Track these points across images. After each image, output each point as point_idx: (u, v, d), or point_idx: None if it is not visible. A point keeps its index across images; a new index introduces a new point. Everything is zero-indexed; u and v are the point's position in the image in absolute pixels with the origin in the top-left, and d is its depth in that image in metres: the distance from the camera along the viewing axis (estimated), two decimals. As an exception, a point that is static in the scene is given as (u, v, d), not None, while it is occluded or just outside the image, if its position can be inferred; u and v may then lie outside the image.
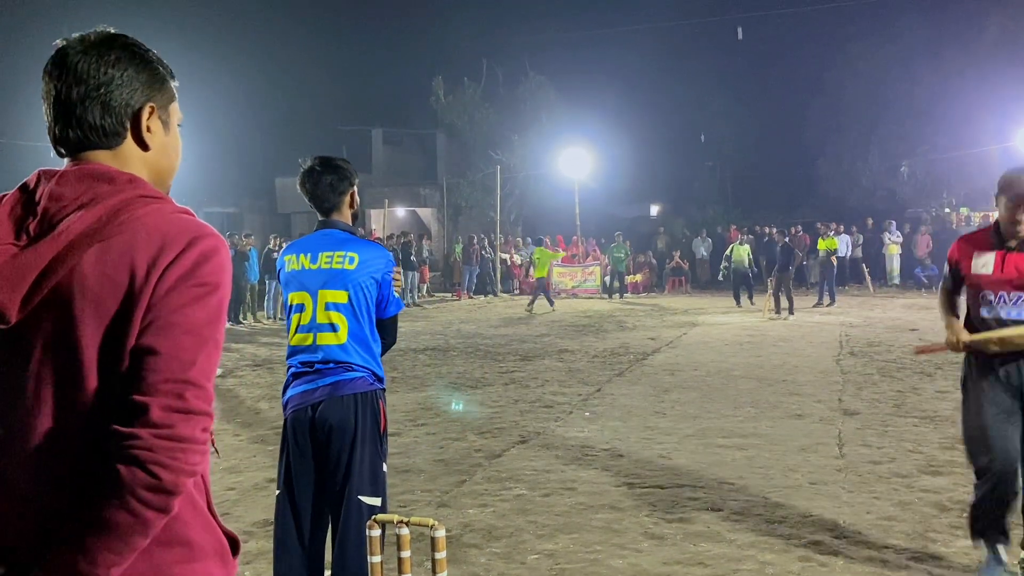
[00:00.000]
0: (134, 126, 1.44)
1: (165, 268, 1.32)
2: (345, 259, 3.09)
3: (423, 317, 18.17)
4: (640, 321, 16.14)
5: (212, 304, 1.35)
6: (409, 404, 8.33)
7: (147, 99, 1.44)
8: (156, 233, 1.34)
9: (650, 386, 8.98)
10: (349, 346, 3.07)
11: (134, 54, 1.44)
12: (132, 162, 1.44)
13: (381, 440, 3.11)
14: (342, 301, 3.08)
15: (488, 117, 29.57)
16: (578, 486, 5.42)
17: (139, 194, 1.38)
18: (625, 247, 22.55)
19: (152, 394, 1.28)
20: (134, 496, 1.25)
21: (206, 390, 1.33)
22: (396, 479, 5.70)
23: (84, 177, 1.38)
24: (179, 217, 1.38)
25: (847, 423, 6.99)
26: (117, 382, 1.31)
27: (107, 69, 1.40)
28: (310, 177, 3.18)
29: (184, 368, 1.30)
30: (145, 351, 1.30)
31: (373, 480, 3.04)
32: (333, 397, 3.02)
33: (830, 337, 12.73)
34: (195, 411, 1.30)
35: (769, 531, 4.50)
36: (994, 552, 3.74)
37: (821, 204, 29.69)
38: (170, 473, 1.27)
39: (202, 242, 1.35)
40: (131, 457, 1.25)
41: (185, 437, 1.29)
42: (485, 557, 4.25)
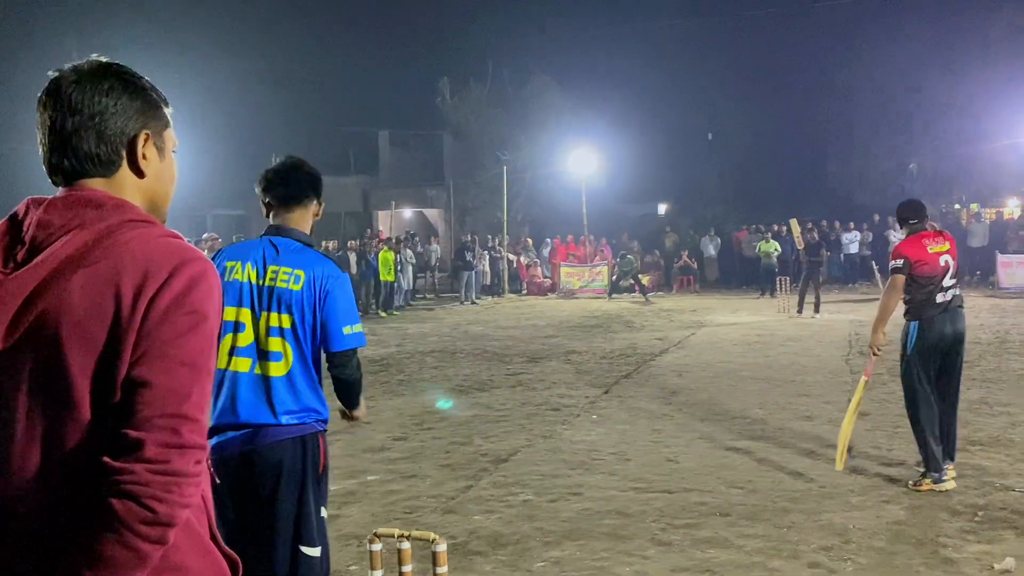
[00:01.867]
0: (129, 154, 1.44)
1: (154, 294, 1.30)
2: (291, 277, 2.67)
3: (430, 319, 18.15)
4: (648, 321, 16.08)
5: (204, 333, 1.34)
6: (415, 408, 8.31)
7: (142, 127, 1.45)
8: (141, 258, 1.32)
9: (658, 388, 8.93)
10: (289, 379, 2.67)
11: (127, 82, 1.45)
12: (127, 189, 1.44)
13: (319, 484, 2.74)
14: (286, 326, 2.67)
15: (495, 118, 29.53)
16: (585, 491, 5.38)
17: (126, 219, 1.37)
18: (633, 260, 22.32)
19: (147, 429, 1.26)
20: (130, 530, 1.24)
21: (200, 423, 1.31)
22: (402, 485, 5.68)
23: (72, 204, 1.38)
24: (165, 241, 1.37)
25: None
26: (109, 413, 1.29)
27: (101, 98, 1.40)
28: (287, 164, 2.88)
29: (179, 402, 1.29)
30: (138, 384, 1.28)
31: (316, 528, 2.69)
32: (269, 438, 2.63)
33: (839, 336, 12.65)
34: (190, 445, 1.29)
35: (778, 536, 4.46)
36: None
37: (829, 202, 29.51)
38: (166, 506, 1.26)
39: (189, 267, 1.34)
40: (125, 492, 1.24)
41: (180, 471, 1.27)
42: (491, 565, 4.22)
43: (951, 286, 5.28)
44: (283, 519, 2.61)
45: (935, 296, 5.22)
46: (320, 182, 2.95)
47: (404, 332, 15.57)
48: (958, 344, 5.31)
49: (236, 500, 2.61)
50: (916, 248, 5.24)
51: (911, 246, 5.28)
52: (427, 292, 24.95)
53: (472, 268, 22.37)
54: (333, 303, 2.70)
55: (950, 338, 5.25)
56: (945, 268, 5.25)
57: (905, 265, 5.23)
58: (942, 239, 5.36)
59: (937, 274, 5.21)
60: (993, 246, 21.15)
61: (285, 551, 2.61)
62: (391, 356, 12.22)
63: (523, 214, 29.81)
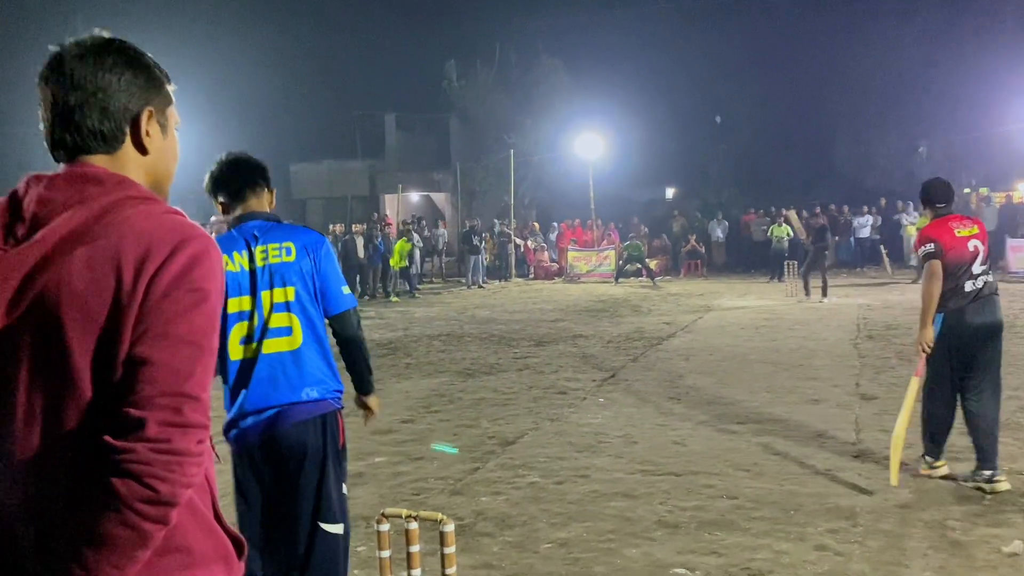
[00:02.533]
0: (133, 130, 1.43)
1: (155, 272, 1.28)
2: (282, 250, 2.72)
3: (438, 303, 18.16)
4: (655, 305, 16.06)
5: (207, 311, 1.32)
6: (423, 391, 8.33)
7: (145, 103, 1.43)
8: (143, 234, 1.30)
9: (665, 371, 8.92)
10: (303, 353, 2.71)
11: (131, 58, 1.43)
12: (130, 166, 1.42)
13: (340, 461, 2.79)
14: (290, 299, 2.71)
15: (501, 101, 29.40)
16: (592, 474, 5.39)
17: (127, 195, 1.35)
18: (641, 245, 22.27)
19: (148, 408, 1.25)
20: (132, 509, 1.23)
21: (202, 402, 1.30)
22: (409, 467, 5.70)
23: (74, 180, 1.36)
24: (167, 218, 1.35)
25: (865, 408, 6.92)
26: (110, 391, 1.28)
27: (104, 74, 1.39)
28: (228, 160, 2.89)
29: (181, 381, 1.27)
30: (140, 362, 1.27)
31: (338, 506, 2.74)
32: (291, 419, 2.67)
33: (847, 320, 12.61)
34: (192, 424, 1.28)
35: (785, 519, 4.46)
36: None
37: (838, 185, 29.32)
38: (167, 485, 1.25)
39: (191, 244, 1.32)
40: (126, 471, 1.23)
41: (182, 451, 1.26)
42: (498, 546, 4.23)
43: (981, 273, 4.92)
44: (305, 498, 2.66)
45: (963, 284, 4.85)
46: (266, 171, 2.93)
47: (411, 316, 15.59)
48: (992, 337, 4.94)
49: (262, 483, 2.65)
50: (944, 231, 4.91)
51: (938, 229, 4.94)
52: (434, 276, 24.96)
53: (479, 252, 22.36)
54: (327, 267, 2.77)
55: (983, 331, 4.88)
56: (974, 254, 4.90)
57: (938, 249, 4.86)
58: (970, 223, 5.06)
59: (965, 261, 4.87)
60: (1002, 230, 21.00)
61: (307, 529, 2.64)
62: (398, 340, 12.24)
63: (530, 198, 29.73)
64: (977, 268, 4.90)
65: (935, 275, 4.83)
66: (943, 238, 4.87)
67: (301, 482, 2.66)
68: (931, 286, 4.84)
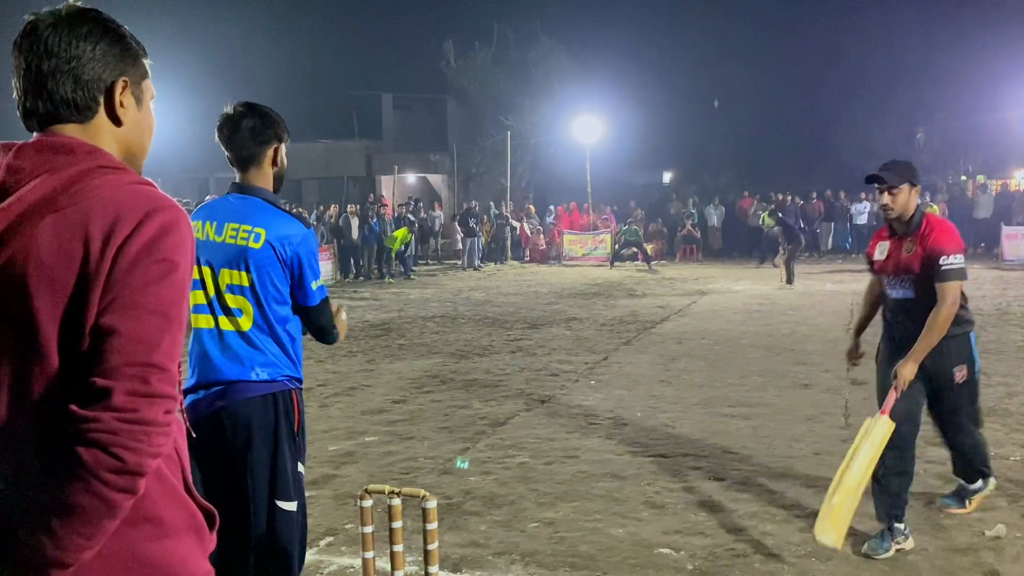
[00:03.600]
0: (107, 100, 1.42)
1: (123, 241, 1.28)
2: (251, 235, 2.62)
3: (433, 285, 18.16)
4: (650, 289, 16.08)
5: (176, 281, 1.32)
6: (416, 372, 8.34)
7: (120, 73, 1.43)
8: (111, 203, 1.30)
9: (657, 355, 8.94)
10: (252, 336, 2.65)
11: (107, 28, 1.42)
12: (103, 137, 1.42)
13: (294, 440, 2.75)
14: (244, 284, 2.63)
15: (499, 82, 29.28)
16: (581, 454, 5.42)
17: (98, 164, 1.35)
18: (638, 229, 22.24)
19: (115, 377, 1.25)
20: (98, 479, 1.23)
21: (170, 372, 1.30)
22: (400, 446, 5.72)
23: (43, 149, 1.36)
24: (136, 188, 1.34)
25: (854, 393, 6.92)
26: (76, 361, 1.28)
27: (79, 43, 1.38)
28: (228, 121, 2.72)
29: (149, 351, 1.27)
30: (107, 331, 1.26)
31: (293, 483, 2.71)
32: (240, 394, 2.63)
33: (840, 306, 12.64)
34: (159, 395, 1.28)
35: (771, 501, 4.49)
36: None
37: (836, 171, 29.29)
38: (134, 455, 1.25)
39: (160, 214, 1.31)
40: (92, 440, 1.23)
41: (149, 420, 1.26)
42: (485, 525, 4.26)
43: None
44: (258, 475, 2.63)
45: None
46: (271, 125, 2.74)
47: (406, 297, 15.59)
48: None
49: (211, 457, 2.60)
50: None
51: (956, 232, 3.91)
52: (429, 258, 24.95)
53: (475, 235, 22.34)
54: (304, 263, 2.67)
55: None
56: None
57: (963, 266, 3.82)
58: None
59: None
60: (998, 218, 21.04)
61: (262, 506, 2.62)
62: (392, 321, 12.25)
63: (527, 180, 29.69)
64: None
65: (957, 301, 3.78)
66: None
67: (251, 459, 2.63)
68: (953, 312, 3.75)
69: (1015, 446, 5.35)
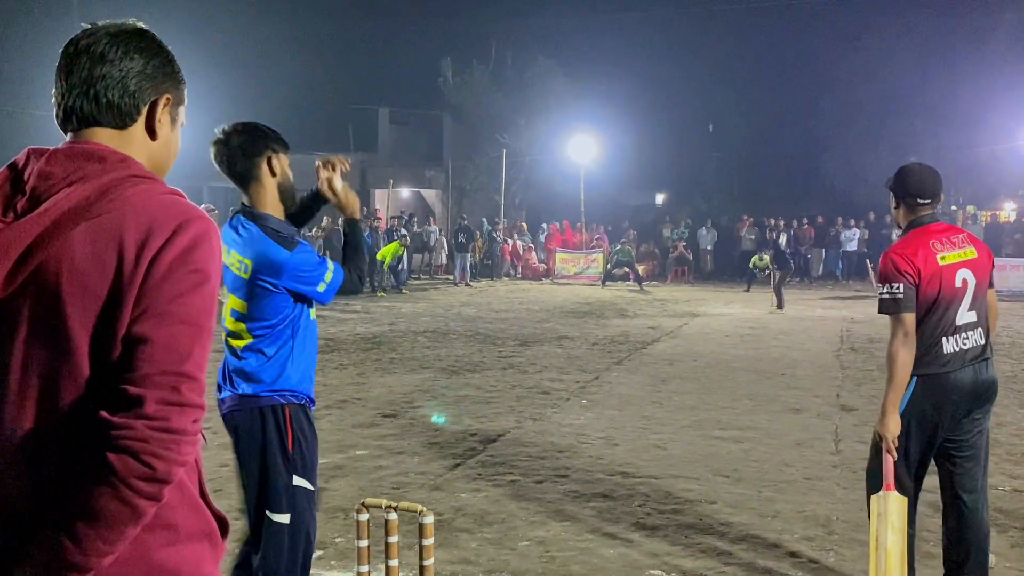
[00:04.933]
0: (149, 113, 1.46)
1: (157, 251, 1.30)
2: (242, 265, 2.71)
3: (424, 299, 18.15)
4: (641, 310, 16.11)
5: (207, 292, 1.34)
6: (406, 386, 8.32)
7: (165, 91, 1.48)
8: (145, 213, 1.32)
9: (648, 376, 8.95)
10: (250, 355, 2.75)
11: (161, 49, 1.49)
12: (135, 146, 1.44)
13: (287, 456, 2.77)
14: (239, 309, 2.75)
15: (496, 100, 29.41)
16: (572, 474, 5.41)
17: (130, 173, 1.37)
18: (631, 250, 22.33)
19: (147, 386, 1.27)
20: (127, 485, 1.24)
21: (200, 382, 1.32)
22: (389, 461, 5.70)
23: (75, 156, 1.37)
24: (169, 198, 1.37)
25: (844, 419, 6.97)
26: (107, 368, 1.29)
27: (134, 55, 1.43)
28: (219, 144, 2.77)
29: (180, 360, 1.29)
30: (140, 340, 1.28)
31: (285, 496, 2.76)
32: (240, 406, 2.75)
33: (831, 332, 12.69)
34: (189, 404, 1.30)
35: (762, 525, 4.49)
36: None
37: (827, 197, 29.54)
38: (164, 463, 1.26)
39: (193, 225, 1.33)
40: (123, 447, 1.24)
41: (179, 429, 1.28)
42: (476, 542, 4.24)
43: (969, 324, 3.30)
44: (252, 483, 2.74)
45: (940, 343, 3.28)
46: (259, 137, 2.75)
47: (398, 311, 15.57)
48: (986, 404, 3.39)
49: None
50: (920, 254, 3.26)
51: (911, 247, 3.29)
52: (422, 273, 24.95)
53: (467, 251, 22.36)
54: (296, 283, 2.72)
55: (972, 397, 3.32)
56: (963, 291, 3.29)
57: (908, 293, 3.22)
58: (963, 240, 3.40)
59: (944, 303, 3.27)
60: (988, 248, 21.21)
61: (256, 513, 2.73)
62: (383, 335, 12.23)
63: (521, 198, 29.76)
64: (964, 316, 3.28)
65: (907, 335, 3.23)
66: (919, 267, 3.24)
67: (248, 466, 2.76)
68: (899, 353, 3.24)
69: (1004, 476, 5.38)
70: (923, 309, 3.25)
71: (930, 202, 3.40)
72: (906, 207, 3.43)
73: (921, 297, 3.25)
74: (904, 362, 3.24)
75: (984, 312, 3.37)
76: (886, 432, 3.28)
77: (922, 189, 3.39)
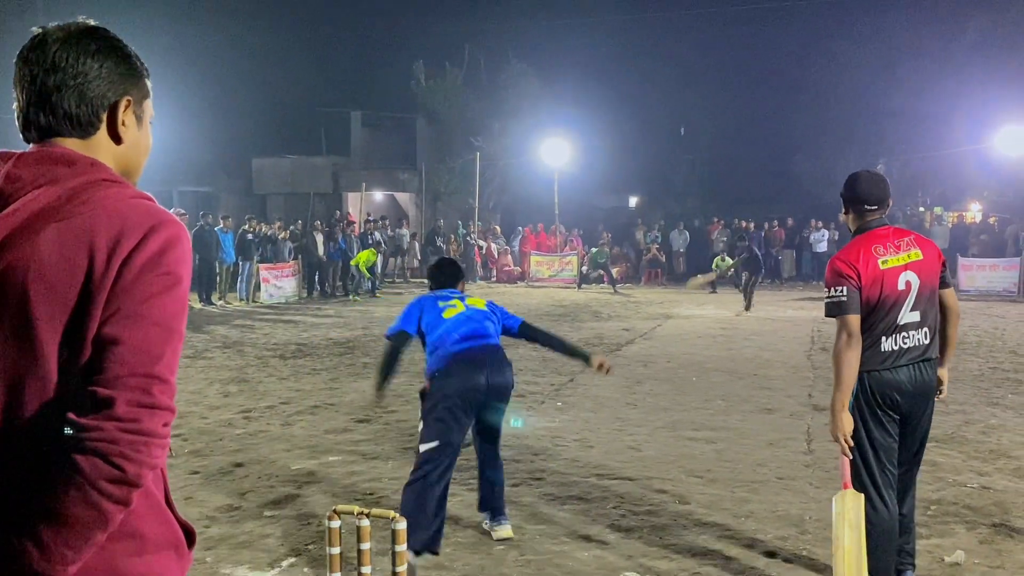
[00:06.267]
0: (110, 118, 1.43)
1: (128, 254, 1.28)
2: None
3: (399, 303, 18.06)
4: (615, 312, 16.16)
5: (178, 295, 1.33)
6: (380, 390, 8.26)
7: (123, 93, 1.44)
8: (116, 217, 1.30)
9: (623, 377, 8.97)
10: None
11: (114, 47, 1.44)
12: (101, 153, 1.43)
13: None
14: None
15: (469, 103, 29.37)
16: (546, 476, 5.40)
17: (100, 177, 1.36)
18: (606, 251, 22.42)
19: (117, 388, 1.24)
20: (95, 488, 1.22)
21: (170, 385, 1.30)
22: (363, 466, 5.65)
23: (43, 160, 1.36)
24: (140, 202, 1.36)
25: (816, 418, 7.03)
26: (75, 371, 1.27)
27: (86, 59, 1.39)
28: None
29: (151, 362, 1.27)
30: (110, 341, 1.26)
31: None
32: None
33: (802, 332, 12.81)
34: (160, 406, 1.28)
35: (736, 525, 4.51)
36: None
37: (799, 199, 29.86)
38: (134, 465, 1.24)
39: (165, 229, 1.33)
40: (92, 449, 1.22)
41: (149, 431, 1.26)
42: (450, 547, 4.21)
43: (912, 324, 3.43)
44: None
45: (880, 342, 3.41)
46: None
47: (371, 316, 15.50)
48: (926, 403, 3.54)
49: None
50: (862, 257, 3.42)
51: (854, 253, 3.45)
52: (396, 276, 24.85)
53: (441, 254, 22.34)
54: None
55: (913, 394, 3.46)
56: (905, 293, 3.42)
57: (852, 296, 3.37)
58: (909, 243, 3.50)
59: (888, 304, 3.40)
60: (954, 249, 21.54)
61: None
62: (357, 339, 12.16)
63: (495, 201, 29.75)
64: (907, 316, 3.41)
65: (851, 336, 3.35)
66: (860, 271, 3.39)
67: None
68: (844, 353, 3.36)
69: (973, 473, 5.45)
70: (866, 310, 3.40)
71: (877, 208, 3.54)
72: (855, 212, 3.57)
73: (863, 299, 3.40)
74: (849, 362, 3.37)
75: (932, 312, 3.50)
76: (838, 431, 3.41)
77: (869, 196, 3.53)
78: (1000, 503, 4.84)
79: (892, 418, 3.47)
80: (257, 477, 5.43)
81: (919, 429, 3.54)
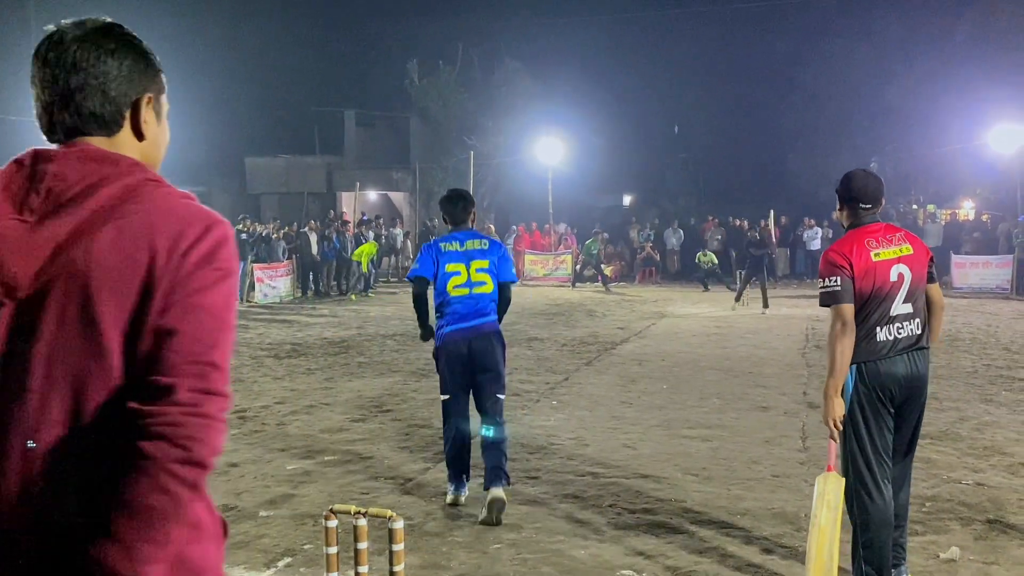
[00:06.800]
0: (133, 116, 1.45)
1: (186, 251, 1.33)
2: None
3: (393, 302, 18.05)
4: (610, 311, 16.17)
5: (229, 288, 1.38)
6: (376, 390, 8.27)
7: (144, 89, 1.46)
8: (174, 216, 1.36)
9: (618, 376, 8.98)
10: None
11: (132, 45, 1.45)
12: (127, 150, 1.45)
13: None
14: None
15: (463, 102, 29.35)
16: (542, 475, 5.41)
17: (147, 178, 1.40)
18: (599, 243, 22.45)
19: (178, 375, 1.28)
20: (166, 471, 1.24)
21: (225, 372, 1.34)
22: (359, 465, 5.65)
23: (86, 159, 1.38)
24: (191, 203, 1.41)
25: (811, 416, 7.04)
26: (135, 362, 1.30)
27: (107, 58, 1.41)
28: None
29: (208, 350, 1.31)
30: (168, 332, 1.30)
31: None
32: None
33: (796, 330, 12.84)
34: (217, 392, 1.31)
35: (731, 523, 4.52)
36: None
37: (792, 198, 29.90)
38: (200, 446, 1.27)
39: (218, 228, 1.38)
40: (157, 433, 1.24)
41: (210, 415, 1.29)
42: (447, 546, 4.22)
43: (905, 315, 3.54)
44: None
45: (875, 332, 3.50)
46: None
47: (366, 315, 15.48)
48: (919, 395, 3.63)
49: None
50: (855, 250, 3.53)
51: (848, 246, 3.56)
52: (390, 276, 24.82)
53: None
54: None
55: (906, 386, 3.55)
56: (898, 285, 3.52)
57: (846, 285, 3.48)
58: (900, 238, 3.63)
59: (881, 295, 3.50)
60: (947, 246, 21.60)
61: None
62: (352, 338, 12.15)
63: (489, 200, 29.72)
64: (899, 307, 3.53)
65: (845, 324, 3.45)
66: (853, 262, 3.50)
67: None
68: (838, 341, 3.45)
69: (967, 470, 5.47)
70: (860, 301, 3.51)
71: (871, 206, 3.64)
72: (849, 210, 3.68)
73: (857, 290, 3.50)
74: (843, 349, 3.48)
75: (921, 305, 3.62)
76: (829, 415, 3.54)
77: (864, 194, 3.64)
78: (994, 499, 4.86)
79: (888, 410, 3.57)
80: (253, 477, 5.43)
81: (912, 418, 3.64)
